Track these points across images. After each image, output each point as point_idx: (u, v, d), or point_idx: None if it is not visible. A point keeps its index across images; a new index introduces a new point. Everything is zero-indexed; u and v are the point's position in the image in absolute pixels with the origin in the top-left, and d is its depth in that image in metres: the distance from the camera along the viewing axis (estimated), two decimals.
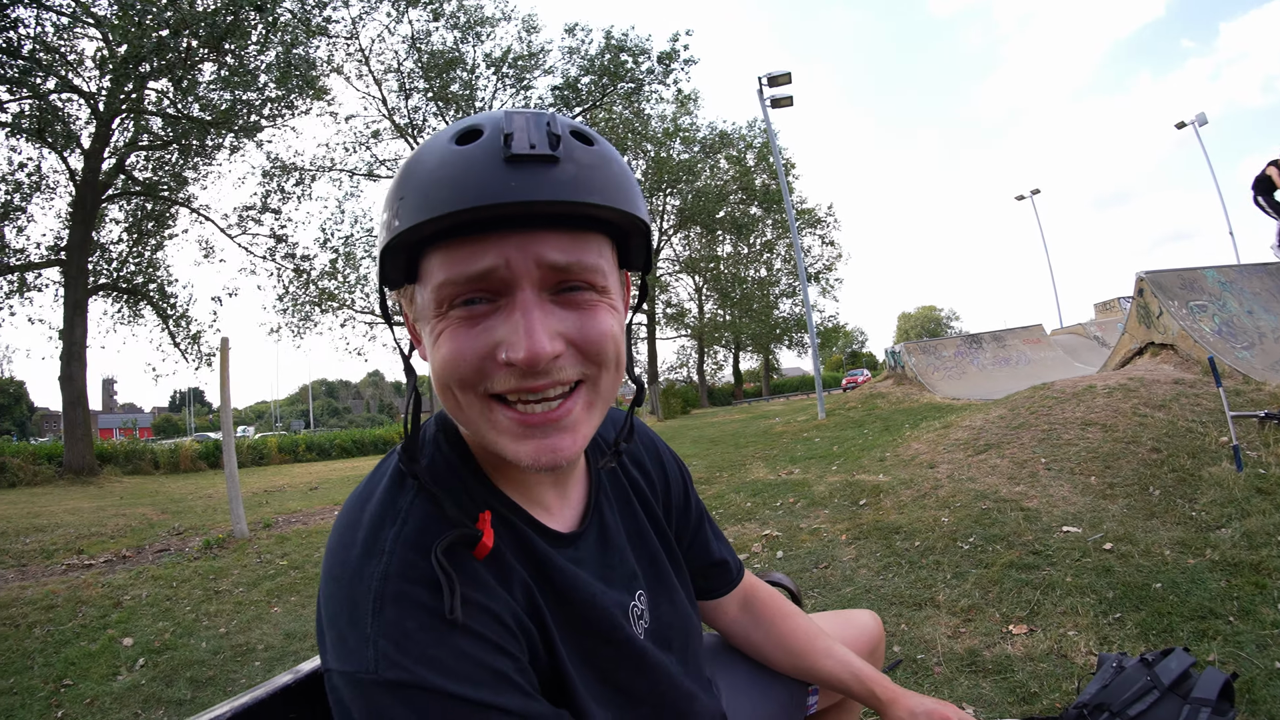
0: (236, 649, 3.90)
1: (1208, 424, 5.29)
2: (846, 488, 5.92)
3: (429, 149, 0.61)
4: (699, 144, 31.74)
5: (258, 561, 5.96)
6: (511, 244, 0.60)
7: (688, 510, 1.02)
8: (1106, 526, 3.83)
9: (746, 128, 33.59)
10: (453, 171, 0.57)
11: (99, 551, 6.79)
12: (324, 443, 26.85)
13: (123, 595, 5.04)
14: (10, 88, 13.90)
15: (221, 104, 15.63)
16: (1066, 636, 2.70)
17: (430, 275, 0.63)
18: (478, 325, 0.62)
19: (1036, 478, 4.89)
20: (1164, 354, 7.74)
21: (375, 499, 0.69)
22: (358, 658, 0.60)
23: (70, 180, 16.21)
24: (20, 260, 16.37)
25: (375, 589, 0.61)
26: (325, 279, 22.11)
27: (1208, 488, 4.17)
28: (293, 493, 12.26)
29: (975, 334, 18.41)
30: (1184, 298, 7.91)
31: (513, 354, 0.61)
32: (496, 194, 0.56)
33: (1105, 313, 24.71)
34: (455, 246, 0.61)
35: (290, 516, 8.65)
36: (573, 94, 22.90)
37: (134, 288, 18.50)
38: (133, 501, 11.34)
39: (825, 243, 41.49)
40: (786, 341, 43.33)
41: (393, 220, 0.60)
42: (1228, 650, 2.41)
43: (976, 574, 3.50)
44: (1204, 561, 3.20)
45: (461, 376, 0.63)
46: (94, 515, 9.46)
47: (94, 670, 3.70)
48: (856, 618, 1.24)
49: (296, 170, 20.55)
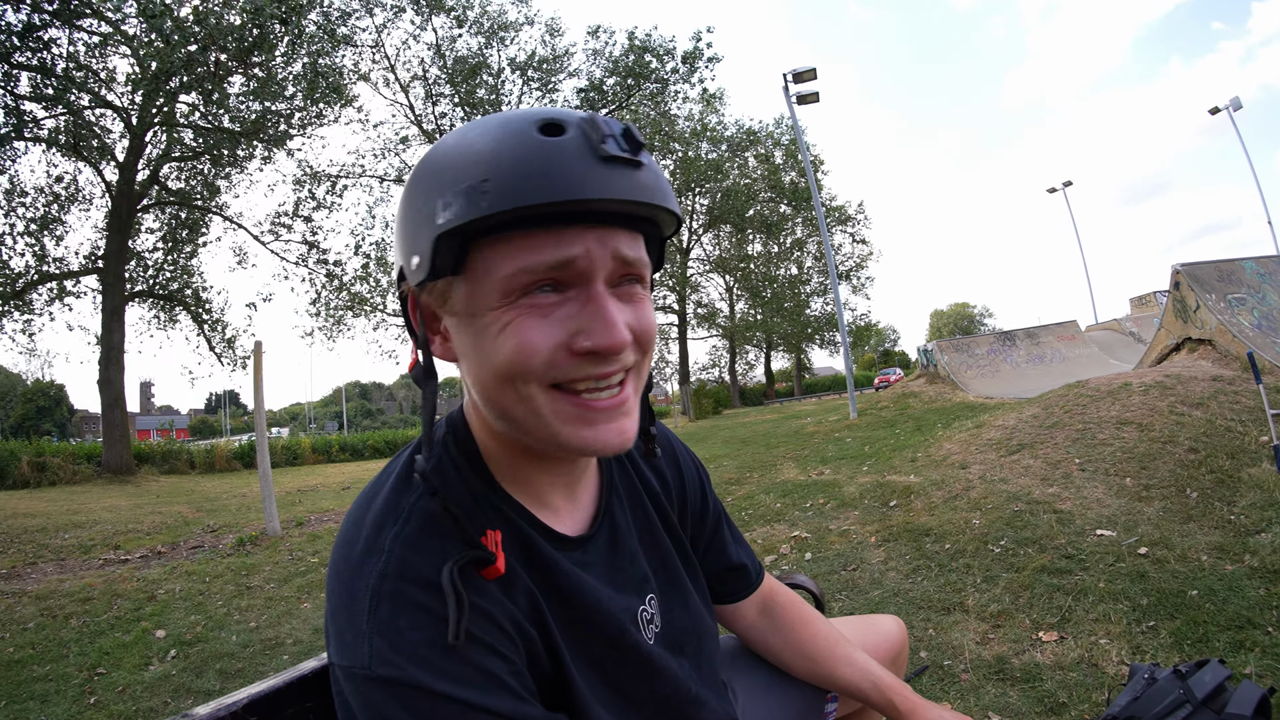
0: (265, 643, 3.98)
1: (1247, 423, 5.17)
2: (877, 489, 5.88)
3: (501, 136, 0.60)
4: (726, 143, 31.68)
5: (289, 558, 6.07)
6: (592, 237, 0.62)
7: (705, 512, 1.01)
8: (1142, 530, 3.74)
9: (773, 125, 33.50)
10: (547, 163, 0.58)
11: (135, 547, 6.98)
12: (357, 443, 27.17)
13: (157, 589, 5.17)
14: (46, 105, 14.36)
15: (251, 115, 15.97)
16: (1098, 645, 2.64)
17: (492, 264, 0.62)
18: (550, 315, 0.63)
19: (1070, 479, 4.80)
20: (1201, 349, 7.57)
21: (380, 498, 0.70)
22: (354, 653, 0.61)
23: (106, 192, 16.72)
24: (59, 269, 16.88)
25: (373, 586, 0.63)
26: (357, 283, 22.42)
27: (1247, 490, 4.06)
28: (325, 492, 12.44)
29: (1009, 331, 18.18)
30: (1221, 290, 7.72)
31: (596, 342, 0.62)
32: (599, 189, 0.58)
33: (1141, 308, 24.22)
34: (532, 236, 0.61)
35: (322, 515, 8.78)
36: (598, 95, 22.97)
37: (169, 294, 18.98)
38: (169, 500, 11.63)
39: (856, 240, 41.20)
40: (818, 341, 43.06)
41: (466, 203, 0.59)
42: (1266, 663, 2.33)
43: (1007, 578, 3.43)
44: (1242, 568, 3.10)
45: (532, 367, 0.63)
46: (131, 513, 9.73)
47: (127, 660, 3.80)
48: (879, 623, 1.21)
49: (327, 178, 20.84)
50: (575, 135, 0.59)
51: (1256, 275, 8.13)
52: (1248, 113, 73.24)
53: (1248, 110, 30.24)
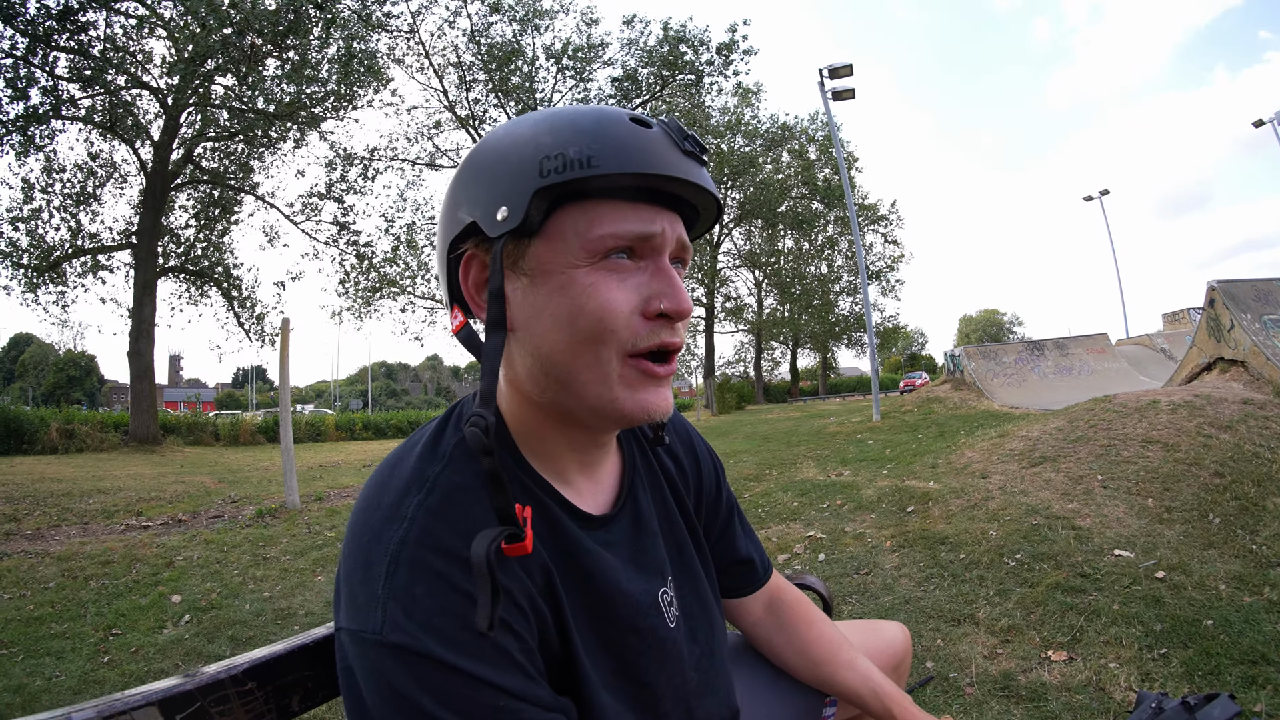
0: (278, 612, 4.05)
1: (1276, 449, 5.05)
2: (895, 493, 5.84)
3: (608, 118, 0.68)
4: (760, 137, 31.49)
5: (306, 532, 6.16)
6: (666, 218, 0.71)
7: (718, 503, 1.01)
8: (1160, 553, 3.67)
9: (808, 120, 33.25)
10: (646, 144, 0.66)
11: (156, 514, 7.16)
12: (380, 422, 27.49)
13: (175, 556, 5.29)
14: (83, 85, 14.73)
15: (285, 97, 16.19)
16: (1107, 668, 2.60)
17: (580, 226, 0.67)
18: (628, 278, 0.69)
19: (1091, 495, 4.73)
20: (1234, 370, 7.41)
21: (406, 464, 0.70)
22: (365, 617, 0.61)
23: (140, 170, 17.11)
24: (94, 243, 17.37)
25: (392, 552, 0.62)
26: (387, 265, 22.62)
27: (1271, 519, 3.97)
28: (346, 469, 12.61)
29: (1038, 341, 17.92)
30: (1258, 310, 7.55)
31: (673, 305, 0.69)
32: (686, 172, 0.68)
33: (1174, 324, 23.75)
34: (622, 206, 0.68)
35: (342, 491, 8.91)
36: (632, 85, 22.96)
37: (200, 270, 19.39)
38: (192, 470, 11.89)
39: (888, 241, 40.85)
40: (845, 340, 42.92)
41: (570, 165, 0.64)
42: (1277, 702, 2.27)
43: (1020, 593, 3.39)
44: (1261, 600, 3.03)
45: (613, 328, 0.68)
46: (154, 481, 9.97)
47: (142, 622, 3.89)
48: (884, 629, 1.21)
49: (360, 161, 21.01)
50: (660, 130, 0.69)
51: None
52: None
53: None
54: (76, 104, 15.10)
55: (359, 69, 16.03)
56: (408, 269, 23.09)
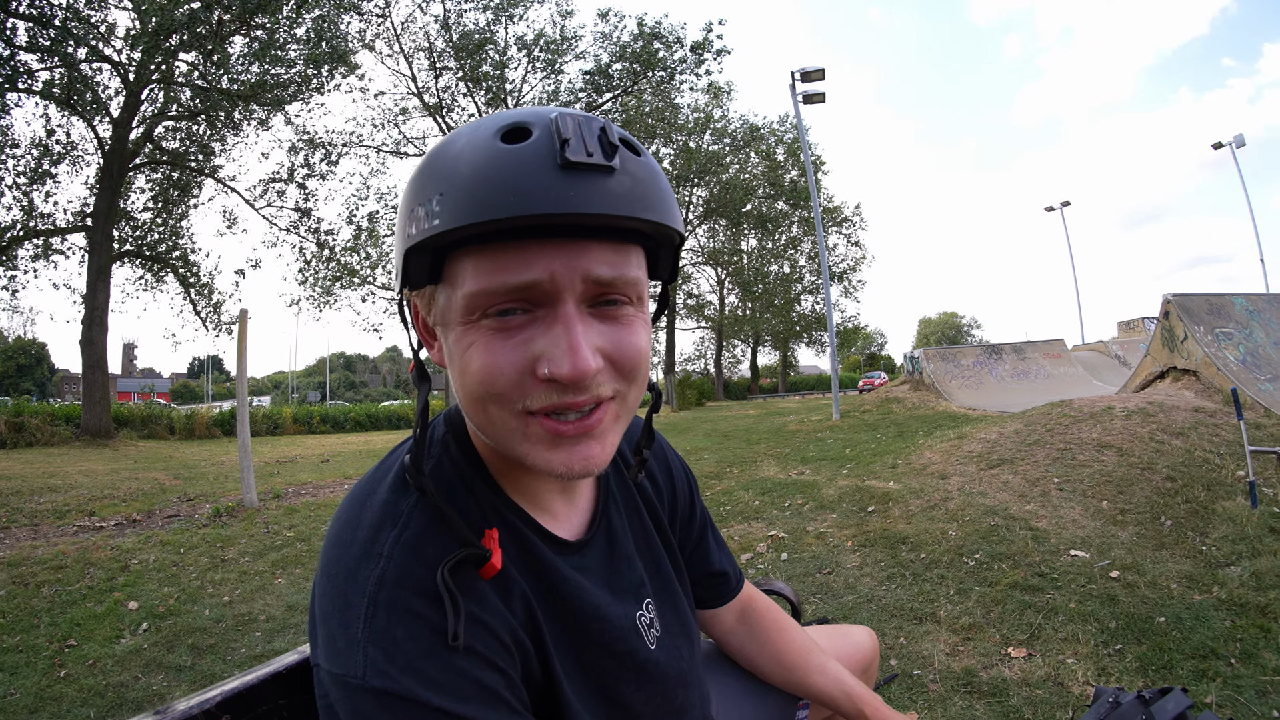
0: (239, 618, 3.93)
1: (1225, 456, 5.24)
2: (856, 493, 5.92)
3: (470, 142, 0.57)
4: (729, 136, 31.60)
5: (265, 531, 6.02)
6: (558, 256, 0.58)
7: (692, 519, 1.01)
8: (1115, 554, 3.79)
9: (778, 122, 33.40)
10: (502, 173, 0.54)
11: (110, 514, 6.90)
12: (338, 415, 27.13)
13: (130, 559, 5.09)
14: (42, 56, 14.11)
15: (250, 77, 15.78)
16: (1065, 664, 2.68)
17: (461, 279, 0.59)
18: (514, 337, 0.60)
19: (1048, 497, 4.85)
20: (1185, 380, 7.65)
21: (378, 497, 0.68)
22: (346, 661, 0.59)
23: (98, 148, 16.49)
24: (47, 224, 16.66)
25: (369, 593, 0.60)
26: (347, 254, 22.27)
27: (1220, 522, 4.12)
28: (304, 464, 12.38)
29: (995, 344, 18.30)
30: (1210, 324, 7.81)
31: (556, 370, 0.58)
32: (553, 203, 0.54)
33: (1129, 332, 24.39)
34: (495, 253, 0.57)
35: (300, 488, 8.74)
36: (604, 80, 22.81)
37: (157, 255, 18.83)
38: (146, 466, 11.56)
39: (851, 243, 41.26)
40: (805, 339, 43.30)
41: (427, 216, 0.56)
42: (1226, 694, 2.37)
43: (980, 592, 3.48)
44: (1210, 599, 3.15)
45: (498, 391, 0.61)
46: (108, 478, 9.65)
47: (98, 632, 3.73)
48: (853, 633, 1.23)
49: (323, 146, 20.66)
50: (538, 140, 0.55)
51: (1245, 312, 8.23)
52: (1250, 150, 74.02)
53: (1250, 148, 30.62)
54: (34, 76, 14.46)
55: (327, 51, 15.71)
56: (368, 258, 22.74)
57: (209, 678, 3.13)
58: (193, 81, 16.11)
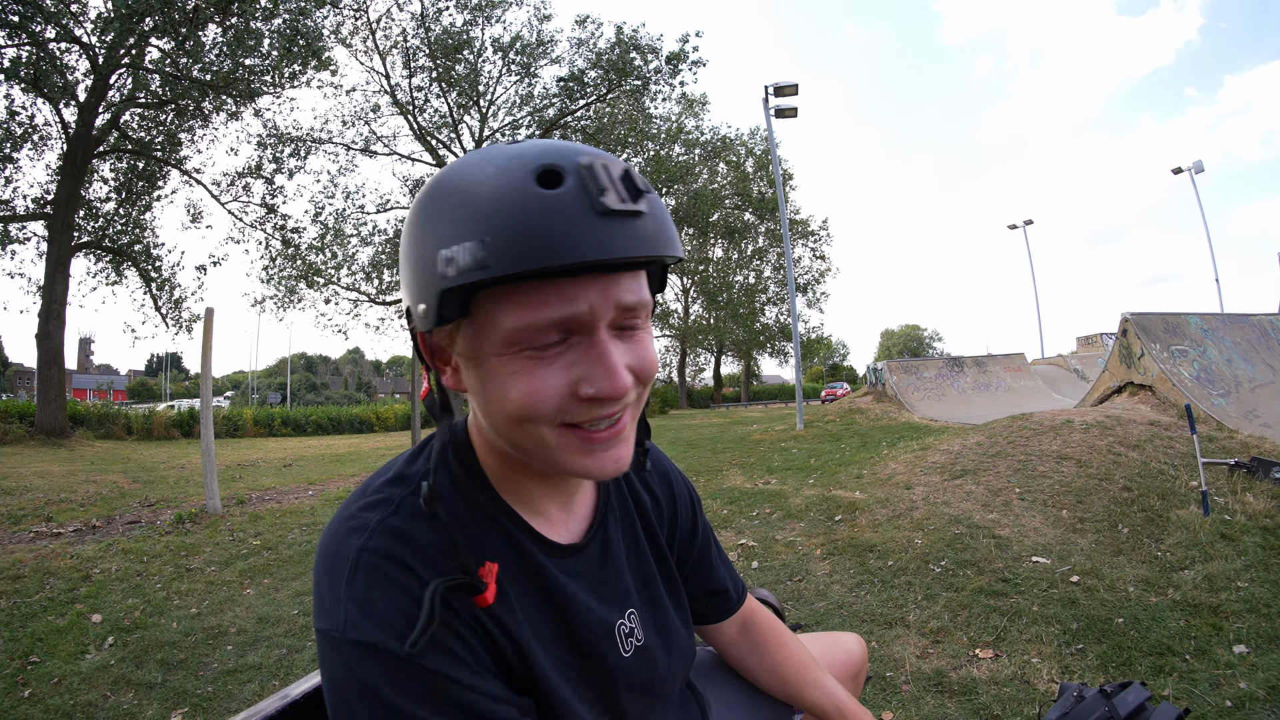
0: (208, 631, 3.80)
1: (1179, 467, 5.42)
2: (822, 502, 6.01)
3: (503, 184, 0.60)
4: (700, 147, 31.81)
5: (230, 539, 5.87)
6: (595, 290, 0.63)
7: (694, 536, 1.05)
8: (1074, 560, 3.93)
9: (749, 135, 33.75)
10: (547, 221, 0.58)
11: (68, 520, 6.65)
12: (300, 418, 26.67)
13: (92, 568, 4.92)
14: (10, 33, 13.62)
15: (223, 68, 15.45)
16: (1030, 663, 2.78)
17: (498, 315, 0.63)
18: (554, 363, 0.65)
19: (1010, 506, 4.98)
20: (1142, 394, 7.88)
21: (374, 489, 0.75)
22: (331, 617, 0.67)
23: (62, 133, 15.95)
24: (6, 211, 16.10)
25: (352, 558, 0.68)
26: (313, 253, 21.95)
27: (1174, 529, 4.28)
28: (266, 468, 12.16)
29: (958, 357, 18.63)
30: (1166, 341, 8.06)
31: (600, 391, 0.64)
32: (596, 250, 0.58)
33: (1087, 347, 25.06)
34: (536, 291, 0.62)
35: (264, 494, 8.55)
36: (578, 86, 22.77)
37: (119, 248, 18.28)
38: (104, 468, 11.18)
39: (816, 255, 41.80)
40: (769, 349, 43.66)
41: (474, 261, 0.59)
42: (1182, 687, 2.50)
43: (947, 597, 3.58)
44: (1165, 601, 3.30)
45: (542, 413, 0.65)
46: (64, 480, 9.33)
47: (61, 648, 3.57)
48: (843, 641, 1.30)
49: (293, 141, 20.35)
50: (573, 187, 0.59)
51: (1200, 330, 8.52)
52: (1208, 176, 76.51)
53: (1209, 174, 31.86)
54: (1, 53, 14.00)
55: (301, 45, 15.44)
56: (334, 257, 22.41)
57: (181, 695, 3.04)
58: (163, 69, 15.70)
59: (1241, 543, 3.95)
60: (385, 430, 28.57)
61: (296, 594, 4.40)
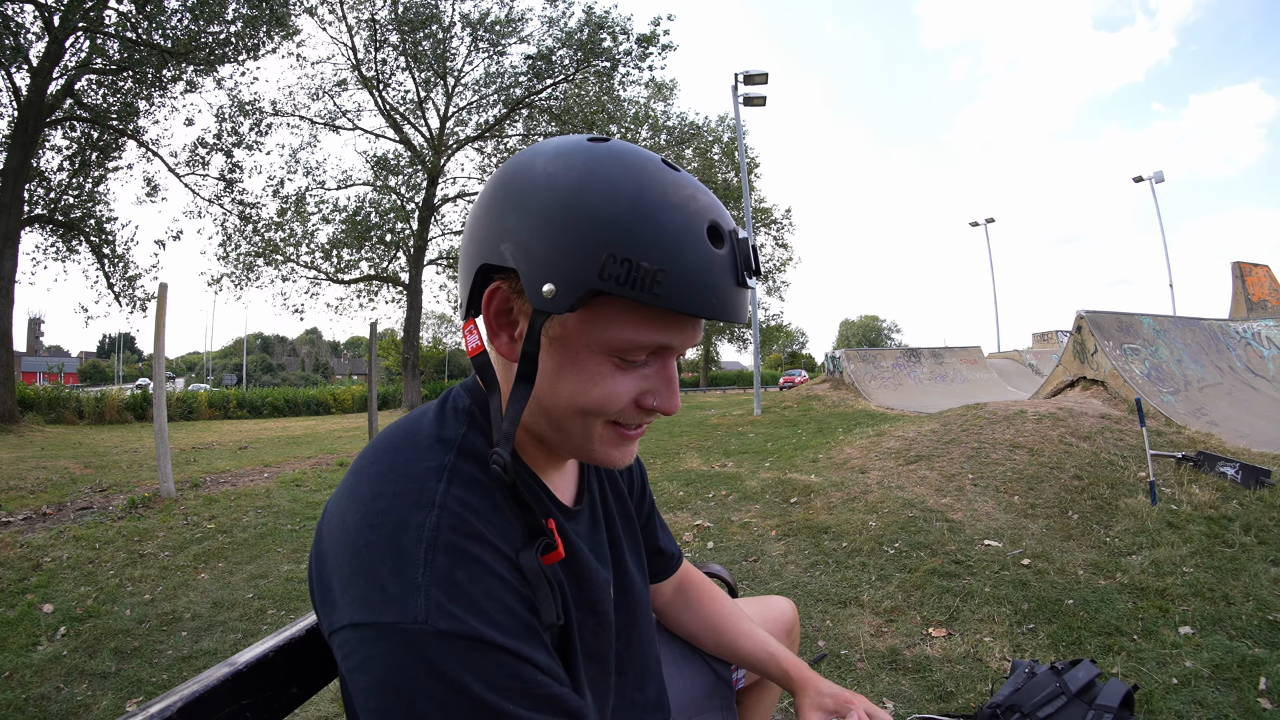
0: (162, 617, 3.70)
1: (1128, 459, 5.58)
2: (778, 485, 6.08)
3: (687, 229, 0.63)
4: (667, 132, 31.71)
5: (184, 523, 5.72)
6: (691, 331, 0.71)
7: (643, 501, 1.10)
8: (1026, 544, 4.03)
9: (716, 122, 33.69)
10: (711, 278, 0.64)
11: (17, 507, 6.43)
12: (256, 400, 26.19)
13: (42, 556, 4.76)
14: None
15: (184, 34, 14.93)
16: (983, 642, 2.85)
17: (612, 321, 0.67)
18: (632, 373, 0.71)
19: (963, 492, 5.09)
20: (1094, 389, 8.08)
21: (417, 452, 0.71)
22: (401, 608, 0.60)
23: (13, 99, 15.27)
24: None
25: (428, 539, 0.62)
26: (272, 229, 21.48)
27: (1123, 517, 4.42)
28: (221, 451, 11.91)
29: (915, 348, 18.95)
30: (1119, 339, 8.28)
31: (663, 407, 0.73)
32: (731, 314, 0.65)
33: (1042, 343, 25.61)
34: (655, 316, 0.67)
35: (219, 476, 8.34)
36: (546, 66, 22.50)
37: (71, 221, 17.59)
38: (54, 453, 10.88)
39: (779, 244, 42.07)
40: (729, 335, 43.87)
41: (645, 282, 0.61)
42: (1130, 665, 2.58)
43: (900, 578, 3.65)
44: (1114, 584, 3.40)
45: (607, 412, 0.72)
46: (13, 467, 9.07)
47: (12, 640, 3.43)
48: (774, 602, 1.37)
49: (255, 113, 19.84)
50: (728, 254, 0.65)
51: (1152, 330, 8.80)
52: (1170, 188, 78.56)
53: (1171, 186, 32.78)
54: None
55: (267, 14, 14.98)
56: (293, 235, 21.91)
57: (135, 684, 2.96)
58: (123, 33, 15.06)
59: (1187, 530, 4.08)
60: (343, 412, 28.19)
61: (251, 577, 4.32)
